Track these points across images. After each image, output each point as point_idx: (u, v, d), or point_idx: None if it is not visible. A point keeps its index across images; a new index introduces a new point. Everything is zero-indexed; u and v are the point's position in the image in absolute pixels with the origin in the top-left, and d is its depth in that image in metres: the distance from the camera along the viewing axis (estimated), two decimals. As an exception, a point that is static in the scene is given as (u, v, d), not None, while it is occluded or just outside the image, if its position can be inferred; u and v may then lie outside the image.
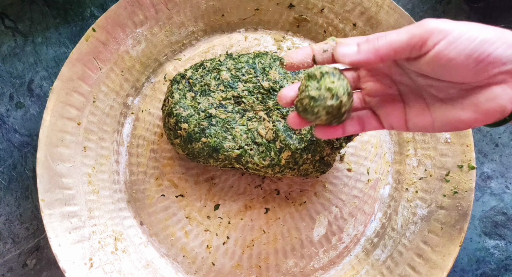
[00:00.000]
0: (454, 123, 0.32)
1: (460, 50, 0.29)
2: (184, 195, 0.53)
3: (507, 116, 0.31)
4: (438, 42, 0.29)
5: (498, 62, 0.29)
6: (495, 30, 0.29)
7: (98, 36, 0.50)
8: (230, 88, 0.48)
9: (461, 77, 0.30)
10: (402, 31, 0.30)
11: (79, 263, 0.48)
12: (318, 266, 0.51)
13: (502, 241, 0.54)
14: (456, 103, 0.32)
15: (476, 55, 0.29)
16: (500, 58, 0.28)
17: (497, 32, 0.29)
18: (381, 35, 0.31)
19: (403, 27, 0.31)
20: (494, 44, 0.28)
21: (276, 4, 0.54)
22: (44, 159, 0.48)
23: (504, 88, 0.30)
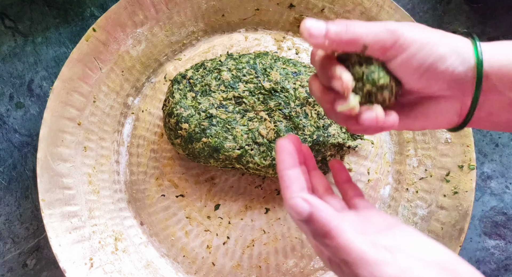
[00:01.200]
0: (407, 127, 0.34)
1: (417, 64, 0.30)
2: (185, 195, 0.53)
3: (458, 126, 0.33)
4: (400, 54, 0.30)
5: (448, 78, 0.30)
6: (451, 42, 0.30)
7: (98, 36, 0.50)
8: (231, 88, 0.48)
9: (415, 87, 0.31)
10: (371, 31, 0.30)
11: (79, 263, 0.48)
12: (318, 266, 0.51)
13: (502, 241, 0.54)
14: (411, 110, 0.33)
15: (431, 69, 0.30)
16: (451, 74, 0.30)
17: (453, 46, 0.30)
18: (350, 25, 0.31)
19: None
20: (448, 60, 0.29)
21: (277, 4, 0.54)
22: (44, 159, 0.48)
23: (452, 102, 0.32)
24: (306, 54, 0.55)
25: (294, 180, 0.32)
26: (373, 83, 0.31)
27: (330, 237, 0.28)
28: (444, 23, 0.56)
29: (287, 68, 0.49)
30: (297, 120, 0.47)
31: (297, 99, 0.48)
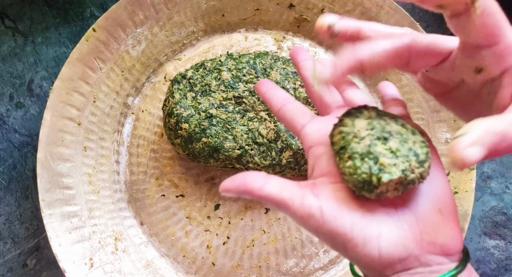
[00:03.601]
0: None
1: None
2: (185, 195, 0.53)
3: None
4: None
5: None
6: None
7: (99, 36, 0.50)
8: (231, 88, 0.48)
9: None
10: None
11: (79, 263, 0.48)
12: (318, 266, 0.51)
13: (502, 241, 0.54)
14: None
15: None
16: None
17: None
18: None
19: (402, 27, 0.30)
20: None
21: (277, 4, 0.54)
22: (44, 159, 0.48)
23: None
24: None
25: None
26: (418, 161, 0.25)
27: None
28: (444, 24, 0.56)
29: (287, 68, 0.49)
30: (297, 120, 0.47)
31: (297, 99, 0.48)
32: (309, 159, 0.29)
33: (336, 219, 0.25)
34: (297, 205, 0.25)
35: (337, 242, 0.25)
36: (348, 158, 0.25)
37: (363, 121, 0.26)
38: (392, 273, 0.25)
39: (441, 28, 0.56)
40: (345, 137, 0.26)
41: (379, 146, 0.25)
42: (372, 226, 0.25)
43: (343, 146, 0.26)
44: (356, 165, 0.25)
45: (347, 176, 0.25)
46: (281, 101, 0.33)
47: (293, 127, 0.32)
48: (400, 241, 0.24)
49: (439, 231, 0.25)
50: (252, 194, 0.26)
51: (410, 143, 0.25)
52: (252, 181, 0.26)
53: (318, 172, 0.28)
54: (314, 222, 0.25)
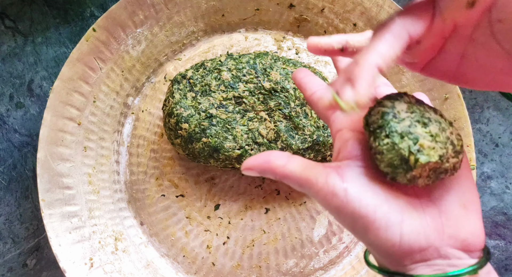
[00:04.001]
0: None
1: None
2: (185, 195, 0.53)
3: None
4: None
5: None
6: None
7: (99, 36, 0.50)
8: (231, 88, 0.48)
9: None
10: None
11: (79, 263, 0.47)
12: (318, 266, 0.51)
13: (502, 241, 0.54)
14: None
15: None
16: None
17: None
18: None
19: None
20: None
21: (277, 4, 0.54)
22: (44, 159, 0.48)
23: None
24: (306, 54, 0.55)
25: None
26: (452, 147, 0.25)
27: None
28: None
29: (287, 68, 0.49)
30: (297, 120, 0.47)
31: (297, 99, 0.48)
32: (336, 142, 0.29)
33: (360, 199, 0.24)
34: (321, 183, 0.25)
35: (359, 224, 0.24)
36: (385, 136, 0.24)
37: (403, 105, 0.26)
38: (411, 262, 0.25)
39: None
40: (384, 116, 0.25)
41: (419, 128, 0.24)
42: (396, 212, 0.24)
43: (381, 125, 0.25)
44: (394, 142, 0.24)
45: (382, 154, 0.24)
46: (315, 87, 0.32)
47: (323, 111, 0.31)
48: (422, 231, 0.24)
49: (462, 225, 0.25)
50: (275, 171, 0.26)
51: (448, 132, 0.25)
52: (275, 159, 0.26)
53: (344, 155, 0.27)
54: (337, 201, 0.24)
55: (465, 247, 0.25)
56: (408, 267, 0.25)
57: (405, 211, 0.25)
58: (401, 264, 0.25)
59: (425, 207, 0.25)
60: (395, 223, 0.24)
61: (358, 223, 0.24)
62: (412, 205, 0.25)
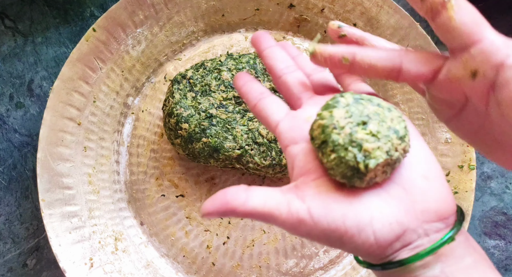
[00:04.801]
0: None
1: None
2: (185, 195, 0.53)
3: None
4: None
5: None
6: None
7: (99, 36, 0.50)
8: (231, 88, 0.48)
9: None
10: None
11: (79, 263, 0.47)
12: (318, 266, 0.51)
13: (502, 241, 0.54)
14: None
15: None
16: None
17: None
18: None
19: (403, 28, 0.31)
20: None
21: (277, 4, 0.54)
22: (44, 159, 0.48)
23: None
24: (306, 54, 0.55)
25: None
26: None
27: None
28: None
29: (287, 68, 0.49)
30: (297, 120, 0.47)
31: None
32: (288, 159, 0.29)
33: (326, 216, 0.24)
34: (284, 214, 0.24)
35: (333, 239, 0.24)
36: (331, 151, 0.25)
37: (341, 110, 0.26)
38: (393, 252, 0.25)
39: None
40: (325, 130, 0.25)
41: (359, 132, 0.25)
42: (363, 212, 0.24)
43: (324, 140, 0.25)
44: (340, 156, 0.24)
45: (333, 169, 0.25)
46: (256, 96, 0.32)
47: (268, 125, 0.31)
48: (393, 219, 0.24)
49: (429, 197, 0.25)
50: (236, 211, 0.25)
51: (388, 121, 0.26)
52: (233, 198, 0.25)
53: (297, 172, 0.27)
54: (305, 227, 0.24)
55: (439, 216, 0.25)
56: (391, 256, 0.25)
57: (371, 205, 0.25)
58: (385, 256, 0.25)
59: (389, 191, 0.25)
60: (365, 224, 0.24)
61: (332, 238, 0.24)
62: (377, 195, 0.25)
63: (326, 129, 0.25)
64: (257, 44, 0.34)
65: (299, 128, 0.29)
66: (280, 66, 0.32)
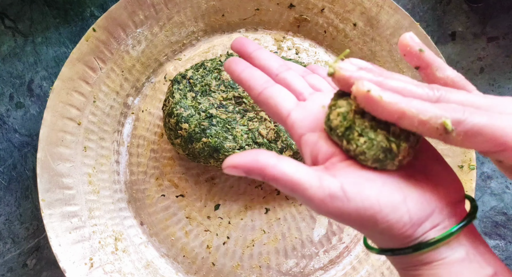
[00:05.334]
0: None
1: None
2: (184, 195, 0.53)
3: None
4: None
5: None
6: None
7: (99, 36, 0.50)
8: (231, 88, 0.48)
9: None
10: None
11: (79, 263, 0.47)
12: (318, 266, 0.51)
13: (502, 241, 0.54)
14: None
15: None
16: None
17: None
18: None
19: (403, 28, 0.30)
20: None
21: (277, 4, 0.54)
22: (44, 159, 0.48)
23: None
24: (306, 54, 0.55)
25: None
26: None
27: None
28: (444, 23, 0.56)
29: (287, 68, 0.49)
30: (297, 120, 0.47)
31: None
32: (304, 147, 0.28)
33: (360, 193, 0.24)
34: (315, 187, 0.23)
35: (366, 218, 0.24)
36: (359, 135, 0.24)
37: (353, 102, 0.26)
38: (423, 232, 0.24)
39: (441, 28, 0.56)
40: (347, 117, 0.25)
41: (377, 119, 0.25)
42: (395, 192, 0.24)
43: (348, 126, 0.25)
44: (371, 138, 0.24)
45: (365, 154, 0.24)
46: (261, 84, 0.30)
47: (278, 115, 0.29)
48: (423, 198, 0.24)
49: (445, 179, 0.26)
50: (265, 171, 0.23)
51: None
52: (265, 158, 0.24)
53: (322, 156, 0.26)
54: (338, 203, 0.23)
55: (457, 198, 0.25)
56: (421, 238, 0.25)
57: (402, 186, 0.25)
58: (414, 238, 0.25)
59: (412, 173, 0.26)
60: (399, 203, 0.24)
61: (365, 216, 0.24)
62: (405, 178, 0.25)
63: (347, 116, 0.25)
64: (243, 49, 0.33)
65: (314, 117, 0.28)
66: (275, 65, 0.32)
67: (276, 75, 0.31)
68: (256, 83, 0.30)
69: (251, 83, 0.31)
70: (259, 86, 0.30)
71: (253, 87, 0.30)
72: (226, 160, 0.24)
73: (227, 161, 0.24)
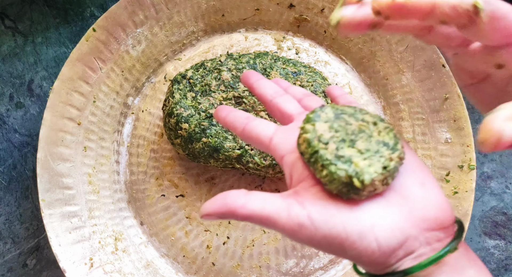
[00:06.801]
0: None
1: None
2: (185, 195, 0.53)
3: None
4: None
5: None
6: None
7: (99, 36, 0.50)
8: (231, 88, 0.48)
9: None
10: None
11: (79, 263, 0.48)
12: (318, 266, 0.51)
13: (502, 241, 0.54)
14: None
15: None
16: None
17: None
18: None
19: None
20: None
21: (277, 4, 0.54)
22: (44, 159, 0.48)
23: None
24: (306, 54, 0.55)
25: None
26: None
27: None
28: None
29: (287, 68, 0.49)
30: (297, 120, 0.47)
31: (297, 99, 0.48)
32: (285, 168, 0.29)
33: (327, 222, 0.24)
34: (284, 218, 0.24)
35: (334, 245, 0.24)
36: (321, 167, 0.24)
37: (323, 125, 0.26)
38: (396, 260, 0.24)
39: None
40: (311, 144, 0.25)
41: (346, 149, 0.24)
42: (364, 219, 0.24)
43: (312, 153, 0.25)
44: (332, 172, 0.24)
45: (328, 185, 0.25)
46: (242, 121, 0.33)
47: (261, 143, 0.31)
48: (395, 225, 0.24)
49: (428, 204, 0.25)
50: (236, 213, 0.25)
51: (376, 135, 0.25)
52: (233, 200, 0.25)
53: (296, 178, 0.27)
54: (306, 232, 0.24)
55: (439, 225, 0.25)
56: (395, 265, 0.25)
57: (371, 212, 0.24)
58: (388, 265, 0.25)
59: (388, 198, 0.25)
60: (367, 231, 0.24)
61: (333, 244, 0.24)
62: (376, 202, 0.25)
63: (311, 143, 0.25)
64: (247, 79, 0.36)
65: (293, 138, 0.29)
66: (270, 92, 0.34)
67: (270, 101, 0.34)
68: (238, 122, 0.33)
69: (234, 124, 0.33)
70: (240, 124, 0.33)
71: (237, 126, 0.33)
72: (201, 209, 0.25)
73: (202, 210, 0.25)
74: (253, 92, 0.36)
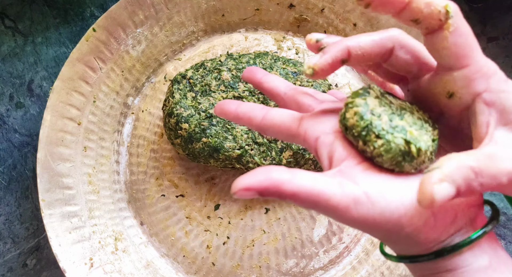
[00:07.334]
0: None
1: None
2: (185, 195, 0.53)
3: None
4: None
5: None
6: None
7: (99, 36, 0.50)
8: (231, 88, 0.48)
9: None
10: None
11: (79, 263, 0.48)
12: (318, 266, 0.51)
13: (502, 241, 0.54)
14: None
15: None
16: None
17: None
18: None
19: (402, 28, 0.31)
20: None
21: (277, 4, 0.54)
22: (44, 159, 0.48)
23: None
24: (306, 54, 0.55)
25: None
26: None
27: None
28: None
29: (287, 68, 0.49)
30: (297, 120, 0.47)
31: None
32: (320, 149, 0.26)
33: (384, 196, 0.22)
34: (338, 195, 0.22)
35: (391, 222, 0.22)
36: (376, 137, 0.24)
37: (374, 100, 0.25)
38: (447, 236, 0.23)
39: (441, 28, 0.56)
40: (364, 116, 0.24)
41: (398, 121, 0.24)
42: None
43: (365, 126, 0.24)
44: (388, 140, 0.23)
45: (382, 156, 0.24)
46: (260, 111, 0.30)
47: (287, 129, 0.29)
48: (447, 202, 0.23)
49: None
50: (281, 189, 0.21)
51: (416, 113, 0.26)
52: (279, 173, 0.22)
53: (338, 157, 0.25)
54: (361, 208, 0.22)
55: (477, 201, 0.25)
56: (444, 243, 0.24)
57: None
58: (438, 241, 0.24)
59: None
60: None
61: (390, 221, 0.22)
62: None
63: (365, 115, 0.24)
64: (254, 75, 0.35)
65: (326, 120, 0.27)
66: (283, 84, 0.33)
67: (285, 93, 0.32)
68: (255, 112, 0.30)
69: (250, 114, 0.30)
70: (258, 114, 0.30)
71: (254, 116, 0.30)
72: (235, 183, 0.22)
73: (236, 184, 0.22)
74: (261, 87, 0.34)
